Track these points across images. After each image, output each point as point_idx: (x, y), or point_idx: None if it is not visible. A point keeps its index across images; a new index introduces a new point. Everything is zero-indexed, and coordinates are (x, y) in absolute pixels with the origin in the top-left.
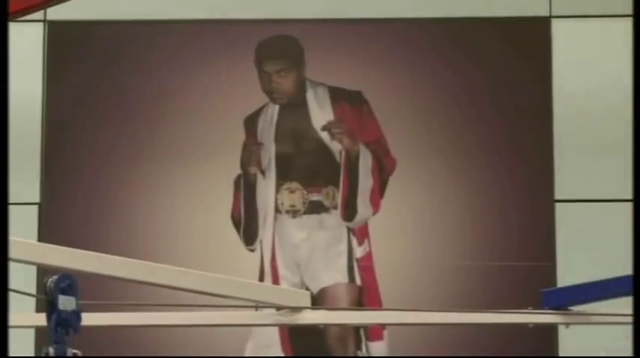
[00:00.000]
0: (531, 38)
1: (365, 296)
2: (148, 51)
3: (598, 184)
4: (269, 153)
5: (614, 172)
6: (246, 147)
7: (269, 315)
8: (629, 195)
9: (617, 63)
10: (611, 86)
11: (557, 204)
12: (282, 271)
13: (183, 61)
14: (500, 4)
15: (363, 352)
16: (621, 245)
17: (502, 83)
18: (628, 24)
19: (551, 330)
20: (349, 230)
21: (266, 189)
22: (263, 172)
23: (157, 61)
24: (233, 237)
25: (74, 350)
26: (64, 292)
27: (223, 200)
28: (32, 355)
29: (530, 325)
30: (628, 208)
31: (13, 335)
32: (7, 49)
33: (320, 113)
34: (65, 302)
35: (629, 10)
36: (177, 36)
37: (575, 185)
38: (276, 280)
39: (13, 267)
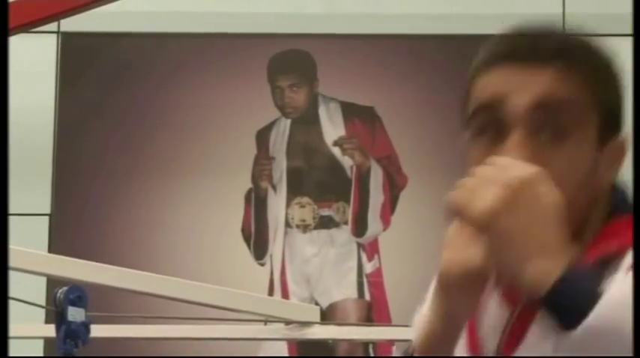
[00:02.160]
0: None
1: (374, 312)
2: (160, 64)
3: None
4: (280, 168)
5: None
6: (257, 162)
7: (278, 330)
8: None
9: (629, 81)
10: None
11: None
12: (291, 286)
13: (196, 74)
14: (514, 22)
15: None
16: None
17: None
18: None
19: None
20: (359, 245)
21: (277, 204)
22: (274, 187)
23: (170, 74)
24: (243, 251)
25: None
26: (74, 303)
27: (234, 214)
28: None
29: None
30: None
31: (22, 345)
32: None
33: (332, 128)
34: (74, 314)
35: None
36: (190, 49)
37: None
38: (285, 294)
39: (23, 277)
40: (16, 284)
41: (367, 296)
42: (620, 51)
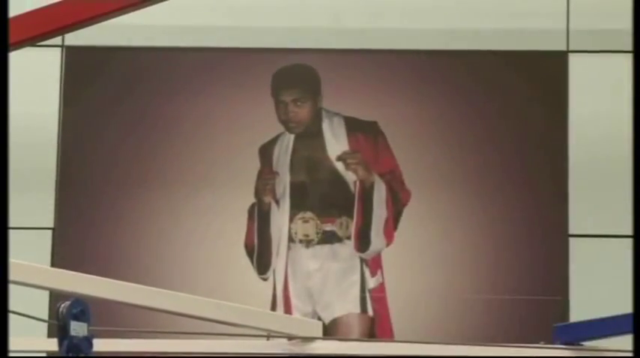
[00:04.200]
0: (548, 72)
1: (377, 327)
2: (164, 78)
3: (612, 219)
4: (284, 183)
5: (629, 207)
6: (260, 176)
7: (280, 345)
8: None
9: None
10: (628, 121)
11: (571, 239)
12: (294, 301)
13: (200, 89)
14: (518, 38)
15: None
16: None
17: (518, 117)
18: None
19: None
20: (362, 261)
21: (280, 219)
22: (277, 201)
23: (173, 89)
24: (246, 266)
25: None
26: (76, 318)
27: (237, 228)
28: None
29: None
30: None
31: None
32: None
33: (335, 143)
34: (77, 328)
35: None
36: (194, 64)
37: (589, 220)
38: (288, 309)
39: (26, 291)
40: (19, 297)
41: (370, 312)
42: (622, 67)
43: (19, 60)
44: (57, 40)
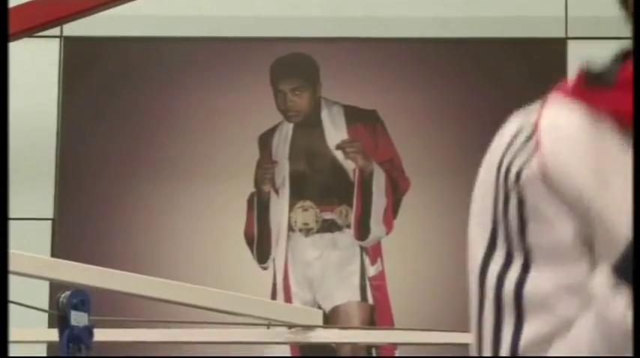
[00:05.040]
0: (547, 59)
1: (377, 315)
2: (162, 68)
3: None
4: (283, 172)
5: None
6: (260, 165)
7: (281, 333)
8: None
9: None
10: None
11: None
12: (294, 289)
13: (198, 78)
14: (516, 25)
15: None
16: None
17: (517, 104)
18: None
19: None
20: (362, 249)
21: (279, 207)
22: (277, 190)
23: (172, 78)
24: (246, 255)
25: None
26: (77, 308)
27: (237, 218)
28: None
29: None
30: None
31: (25, 350)
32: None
33: (334, 132)
34: (77, 318)
35: None
36: (193, 53)
37: None
38: (288, 298)
39: (26, 282)
40: (19, 288)
41: (370, 300)
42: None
43: (17, 51)
44: (55, 31)
